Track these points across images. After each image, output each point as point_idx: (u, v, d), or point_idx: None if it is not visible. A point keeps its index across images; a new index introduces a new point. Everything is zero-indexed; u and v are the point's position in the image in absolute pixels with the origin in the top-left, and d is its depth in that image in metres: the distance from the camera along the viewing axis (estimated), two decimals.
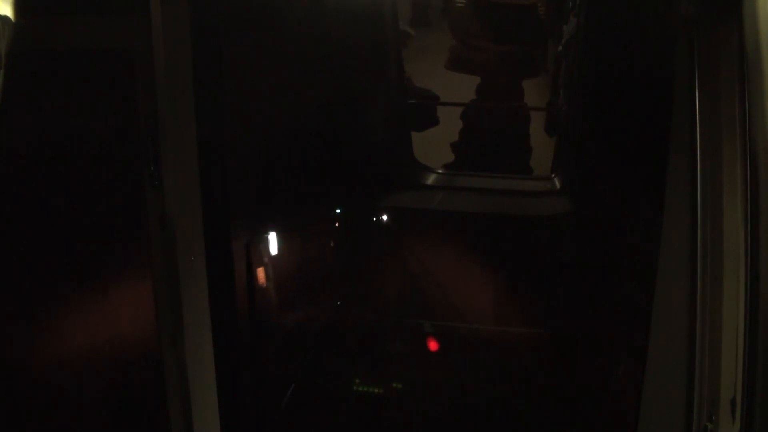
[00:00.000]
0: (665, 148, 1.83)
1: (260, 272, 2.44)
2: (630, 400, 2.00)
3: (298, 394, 2.48)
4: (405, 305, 2.62)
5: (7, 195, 1.91)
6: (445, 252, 2.63)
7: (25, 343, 1.97)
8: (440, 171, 2.74)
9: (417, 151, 2.74)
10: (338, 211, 2.60)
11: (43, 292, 1.96)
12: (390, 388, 2.50)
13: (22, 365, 1.98)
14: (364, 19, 2.53)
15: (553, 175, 2.65)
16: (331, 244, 2.67)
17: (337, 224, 2.63)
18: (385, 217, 2.62)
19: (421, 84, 2.80)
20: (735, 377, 1.67)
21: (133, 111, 1.82)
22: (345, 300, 2.62)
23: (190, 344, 1.88)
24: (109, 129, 1.88)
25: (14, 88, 1.84)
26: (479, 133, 2.87)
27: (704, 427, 1.74)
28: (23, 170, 1.91)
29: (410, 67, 2.78)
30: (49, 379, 2.00)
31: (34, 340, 1.97)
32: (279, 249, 2.53)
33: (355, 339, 2.58)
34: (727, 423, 1.69)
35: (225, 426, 1.96)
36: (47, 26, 1.88)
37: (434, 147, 2.82)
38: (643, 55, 2.05)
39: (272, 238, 2.50)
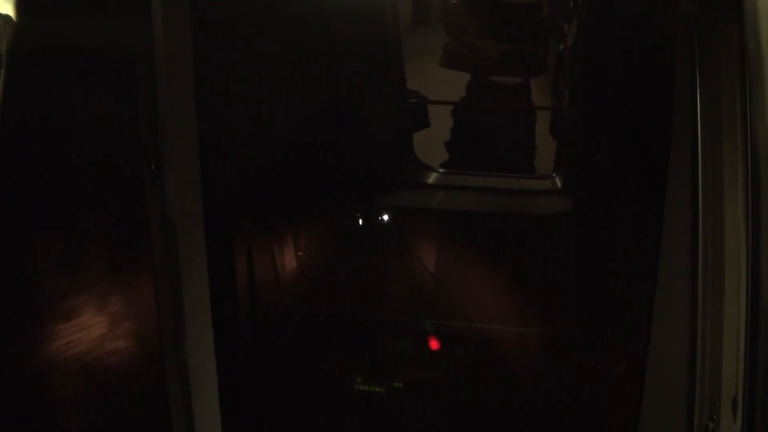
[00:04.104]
0: (666, 147, 1.83)
1: (261, 271, 2.44)
2: (631, 399, 2.00)
3: (299, 393, 2.48)
4: (406, 304, 2.62)
5: (7, 194, 1.91)
6: (446, 251, 2.63)
7: (26, 342, 1.98)
8: (441, 170, 2.74)
9: (418, 150, 2.74)
10: (339, 210, 2.60)
11: (44, 291, 1.97)
12: (391, 387, 2.50)
13: (22, 364, 1.98)
14: (365, 18, 2.53)
15: (554, 174, 2.65)
16: (333, 242, 2.67)
17: (338, 223, 2.64)
18: (386, 217, 2.62)
19: (421, 84, 2.80)
20: (736, 376, 1.67)
21: (135, 110, 1.82)
22: (346, 299, 2.62)
23: (191, 343, 1.89)
24: (110, 128, 1.89)
25: (16, 87, 1.85)
26: (480, 133, 2.87)
27: (705, 426, 1.74)
28: (24, 169, 1.92)
29: (411, 66, 2.78)
30: (50, 378, 2.00)
31: (35, 339, 1.98)
32: (280, 248, 2.53)
33: (356, 338, 2.58)
34: (728, 422, 1.69)
35: (226, 425, 1.96)
36: (49, 26, 1.89)
37: (435, 146, 2.82)
38: (643, 54, 2.05)
39: (273, 237, 2.50)
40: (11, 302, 1.95)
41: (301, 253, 2.62)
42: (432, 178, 2.72)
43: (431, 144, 2.81)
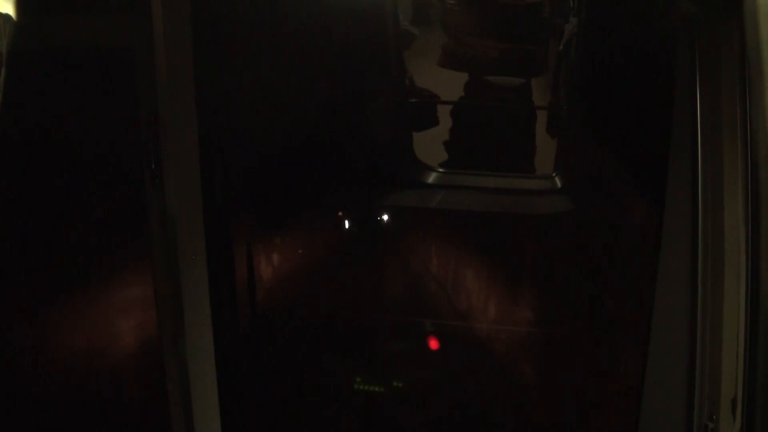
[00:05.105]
0: (666, 147, 1.83)
1: (261, 271, 2.44)
2: (631, 399, 2.00)
3: (299, 393, 2.48)
4: (406, 304, 2.62)
5: (7, 193, 1.91)
6: (446, 251, 2.63)
7: (26, 342, 1.98)
8: (441, 170, 2.74)
9: (418, 150, 2.74)
10: (339, 209, 2.61)
11: (44, 291, 1.96)
12: (391, 386, 2.50)
13: (22, 364, 1.98)
14: (365, 17, 2.53)
15: (554, 174, 2.65)
16: (332, 242, 2.67)
17: (337, 223, 2.64)
18: (386, 216, 2.62)
19: (422, 83, 2.80)
20: (735, 376, 1.67)
21: (134, 109, 1.82)
22: (346, 299, 2.62)
23: (191, 343, 1.89)
24: (110, 127, 1.89)
25: (15, 86, 1.85)
26: (481, 132, 2.87)
27: (705, 426, 1.74)
28: (24, 169, 1.92)
29: (411, 66, 2.78)
30: (49, 378, 2.00)
31: (35, 339, 1.98)
32: (280, 247, 2.53)
33: (355, 338, 2.58)
34: (727, 422, 1.69)
35: (225, 424, 1.96)
36: (49, 25, 1.89)
37: (435, 146, 2.82)
38: (643, 54, 2.05)
39: (273, 236, 2.50)
40: (9, 301, 1.95)
41: (300, 253, 2.62)
42: (432, 177, 2.72)
43: (431, 144, 2.81)
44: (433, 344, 2.57)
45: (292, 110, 2.34)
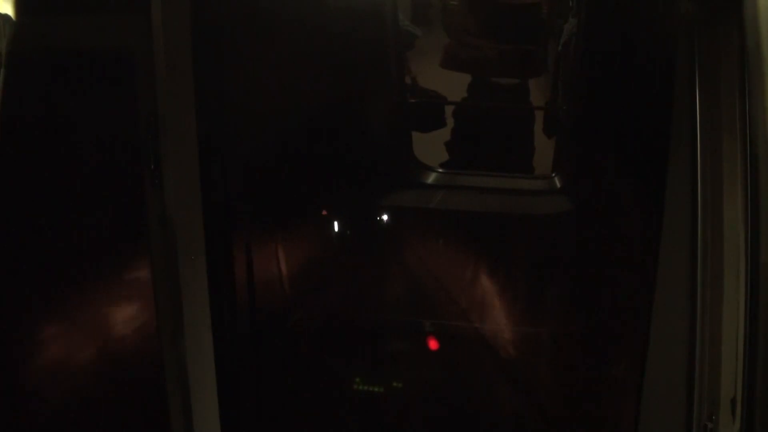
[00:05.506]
0: (666, 148, 1.83)
1: (261, 271, 2.44)
2: (630, 399, 2.00)
3: (299, 393, 2.48)
4: (405, 304, 2.61)
5: (7, 193, 1.91)
6: (445, 251, 2.63)
7: (25, 342, 1.97)
8: (440, 170, 2.73)
9: (417, 150, 2.74)
10: (338, 209, 2.60)
11: (44, 291, 1.96)
12: (390, 387, 2.50)
13: (21, 364, 1.98)
14: (365, 17, 2.53)
15: (553, 175, 2.65)
16: (332, 242, 2.67)
17: (337, 223, 2.63)
18: (385, 216, 2.62)
19: (422, 83, 2.80)
20: (735, 376, 1.67)
21: (134, 110, 1.82)
22: (345, 299, 2.62)
23: (190, 343, 1.89)
24: (109, 128, 1.89)
25: (15, 86, 1.85)
26: (480, 133, 2.87)
27: (704, 426, 1.74)
28: (23, 169, 1.92)
29: (411, 66, 2.78)
30: (49, 378, 2.00)
31: (34, 339, 1.98)
32: (279, 247, 2.53)
33: (355, 338, 2.58)
34: (727, 422, 1.69)
35: (225, 425, 1.96)
36: (49, 25, 1.89)
37: (435, 146, 2.82)
38: (643, 55, 2.05)
39: (273, 236, 2.50)
40: (8, 301, 1.95)
41: (299, 253, 2.61)
42: (431, 177, 2.71)
43: (431, 144, 2.80)
44: (433, 344, 2.57)
45: (292, 110, 2.34)
